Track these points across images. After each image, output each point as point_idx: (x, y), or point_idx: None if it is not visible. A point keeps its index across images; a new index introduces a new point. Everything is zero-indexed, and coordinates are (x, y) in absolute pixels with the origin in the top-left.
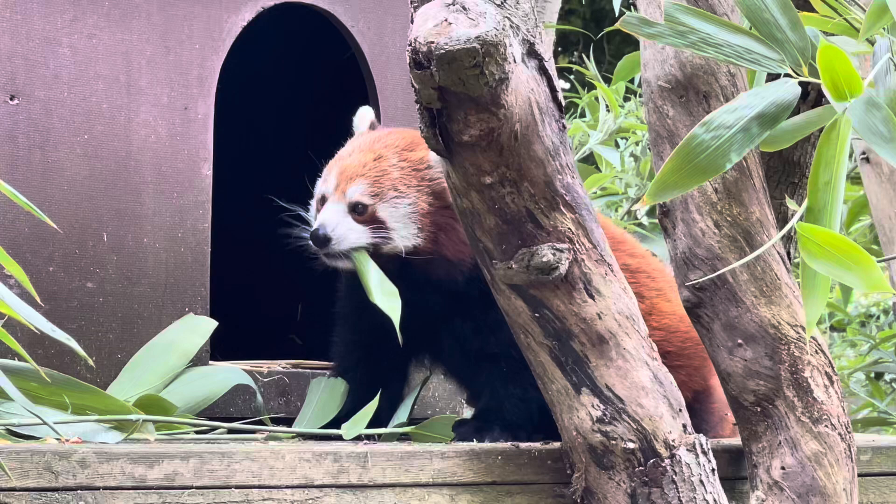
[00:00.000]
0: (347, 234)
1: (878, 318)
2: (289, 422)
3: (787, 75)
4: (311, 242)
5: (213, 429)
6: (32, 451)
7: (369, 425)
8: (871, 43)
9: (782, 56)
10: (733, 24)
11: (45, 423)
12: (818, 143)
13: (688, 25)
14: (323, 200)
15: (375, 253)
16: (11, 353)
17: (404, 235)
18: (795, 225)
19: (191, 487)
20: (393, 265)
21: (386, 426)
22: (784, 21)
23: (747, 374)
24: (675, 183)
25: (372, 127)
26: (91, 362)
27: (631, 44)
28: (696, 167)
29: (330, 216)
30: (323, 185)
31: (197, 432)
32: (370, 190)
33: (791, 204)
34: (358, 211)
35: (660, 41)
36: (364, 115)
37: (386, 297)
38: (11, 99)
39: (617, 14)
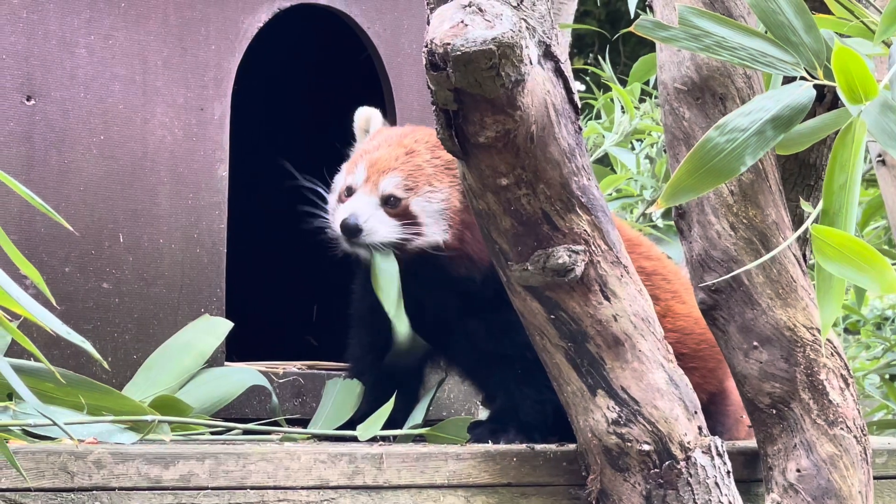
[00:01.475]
0: (379, 227)
1: (894, 321)
2: (304, 423)
3: (802, 78)
4: (339, 231)
5: (229, 430)
6: (48, 452)
7: (385, 426)
8: (888, 45)
9: (797, 59)
10: (748, 28)
11: (55, 424)
12: (833, 145)
13: (702, 29)
14: (349, 192)
15: (401, 249)
16: (27, 353)
17: (434, 231)
18: (810, 227)
19: (206, 488)
20: (414, 261)
21: (401, 427)
22: (799, 24)
23: (763, 376)
24: (690, 186)
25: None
26: (106, 365)
27: (646, 45)
28: (710, 170)
29: (361, 206)
30: (349, 177)
31: (212, 433)
32: (405, 183)
33: (805, 206)
34: (390, 204)
35: (674, 45)
36: (371, 115)
37: (400, 313)
38: (28, 99)
39: (632, 16)
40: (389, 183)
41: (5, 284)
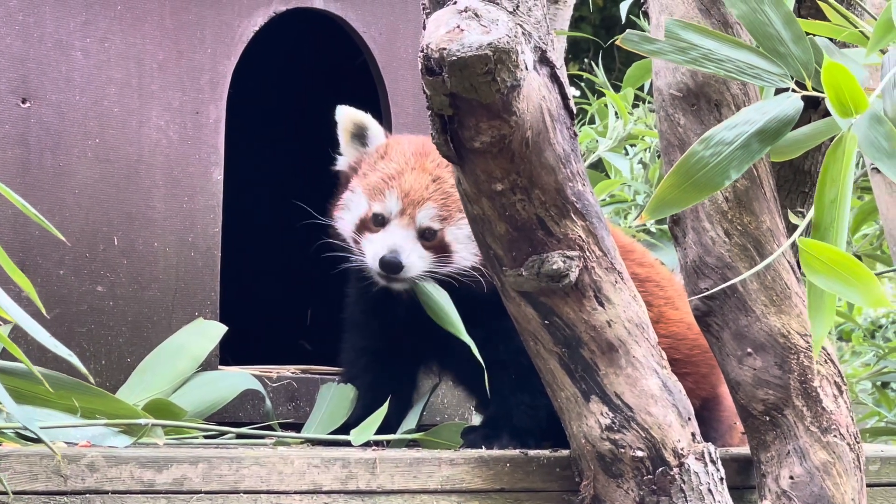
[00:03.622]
0: (418, 262)
1: (887, 328)
2: (298, 427)
3: (792, 90)
4: (377, 266)
5: (222, 433)
6: (41, 455)
7: (378, 431)
8: (883, 53)
9: (785, 70)
10: (735, 40)
11: (27, 428)
12: (824, 160)
13: (689, 42)
14: (378, 221)
15: (432, 277)
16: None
17: (464, 257)
18: (797, 240)
19: (199, 492)
20: (437, 280)
21: (395, 432)
22: (787, 34)
23: (756, 383)
24: (674, 199)
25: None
26: (91, 379)
27: None
28: (694, 184)
29: (401, 242)
30: (376, 205)
31: (206, 437)
32: (439, 214)
33: (794, 219)
34: (427, 237)
35: (661, 58)
36: (366, 123)
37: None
38: (23, 102)
39: (623, 21)
40: (426, 215)
41: None
